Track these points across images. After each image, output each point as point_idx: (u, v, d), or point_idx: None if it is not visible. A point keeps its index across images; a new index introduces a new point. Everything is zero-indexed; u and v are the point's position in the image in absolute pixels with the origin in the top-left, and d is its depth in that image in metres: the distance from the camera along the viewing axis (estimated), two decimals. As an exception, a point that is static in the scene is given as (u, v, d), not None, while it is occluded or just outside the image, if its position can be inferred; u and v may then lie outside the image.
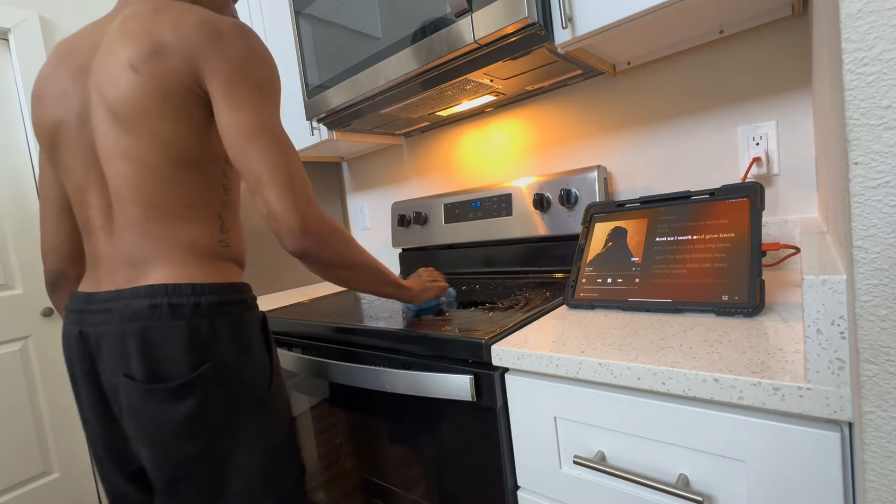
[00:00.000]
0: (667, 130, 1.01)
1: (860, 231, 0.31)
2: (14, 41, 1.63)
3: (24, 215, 1.67)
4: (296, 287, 1.57)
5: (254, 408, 0.65)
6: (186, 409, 0.59)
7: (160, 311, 0.60)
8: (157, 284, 0.61)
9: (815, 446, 0.41)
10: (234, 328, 0.64)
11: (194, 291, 0.62)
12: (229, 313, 0.64)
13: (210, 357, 0.61)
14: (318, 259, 0.65)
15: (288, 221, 0.61)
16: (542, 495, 0.62)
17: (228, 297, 0.65)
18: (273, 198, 0.60)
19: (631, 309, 0.71)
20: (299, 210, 0.61)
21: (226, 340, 0.63)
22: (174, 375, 0.59)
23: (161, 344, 0.59)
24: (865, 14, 0.29)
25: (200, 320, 0.61)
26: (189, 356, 0.60)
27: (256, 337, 0.67)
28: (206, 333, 0.61)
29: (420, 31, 0.90)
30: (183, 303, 0.61)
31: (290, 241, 0.62)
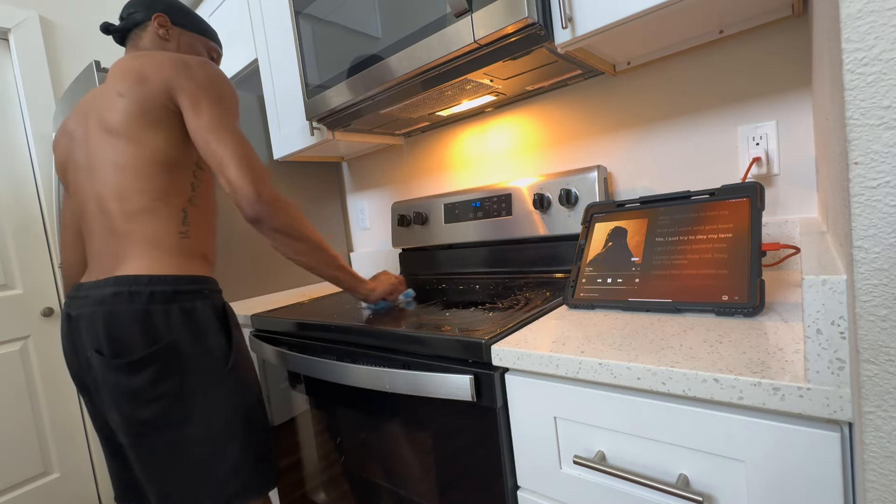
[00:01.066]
0: (667, 130, 1.01)
1: (860, 231, 0.31)
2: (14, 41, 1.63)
3: (24, 215, 1.67)
4: (296, 287, 1.57)
5: (208, 383, 0.76)
6: (142, 380, 0.71)
7: (121, 298, 0.72)
8: (122, 275, 0.74)
9: (815, 446, 0.41)
10: (188, 314, 0.76)
11: (151, 281, 0.74)
12: (183, 301, 0.76)
13: (163, 338, 0.73)
14: (270, 223, 0.78)
15: (245, 190, 0.75)
16: (542, 495, 0.62)
17: (183, 287, 0.76)
18: (232, 174, 0.75)
19: (631, 309, 0.71)
20: (256, 183, 0.76)
21: (179, 324, 0.74)
22: (132, 352, 0.71)
23: (122, 325, 0.71)
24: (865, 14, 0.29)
25: (156, 306, 0.73)
26: (145, 336, 0.72)
27: (210, 322, 0.78)
28: (160, 317, 0.73)
29: (420, 31, 0.90)
30: (141, 290, 0.73)
31: (247, 206, 0.75)
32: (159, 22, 0.91)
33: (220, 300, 0.83)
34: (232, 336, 0.81)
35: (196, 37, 0.98)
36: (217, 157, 0.75)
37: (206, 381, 0.76)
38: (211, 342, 0.78)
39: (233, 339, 0.81)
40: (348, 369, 0.80)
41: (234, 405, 0.79)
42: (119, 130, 0.77)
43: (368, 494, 0.88)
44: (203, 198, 0.84)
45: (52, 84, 1.72)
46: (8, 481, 1.60)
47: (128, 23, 0.91)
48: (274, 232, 0.79)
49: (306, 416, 1.00)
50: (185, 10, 0.97)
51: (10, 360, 1.62)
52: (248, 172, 0.75)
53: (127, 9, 0.92)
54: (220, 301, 0.83)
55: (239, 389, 0.80)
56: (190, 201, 0.82)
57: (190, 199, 0.82)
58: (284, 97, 1.39)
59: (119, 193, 0.76)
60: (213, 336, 0.78)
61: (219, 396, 0.77)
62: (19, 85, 1.66)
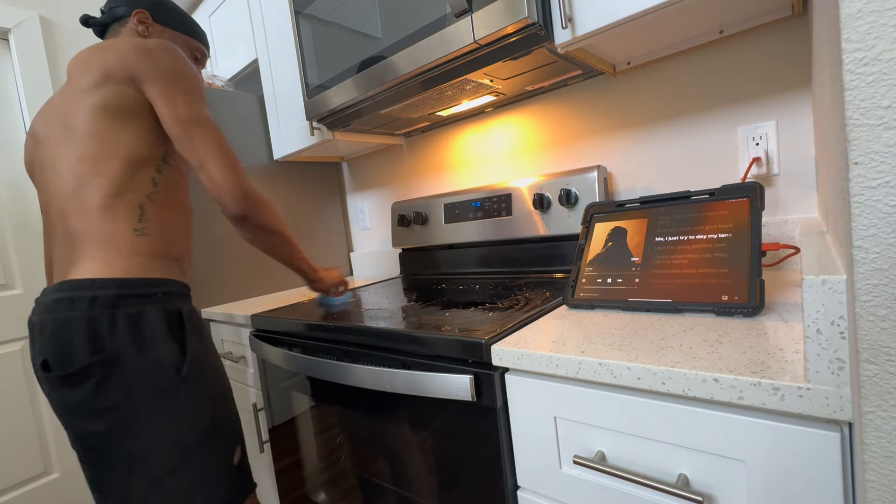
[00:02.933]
0: (667, 130, 1.01)
1: (860, 231, 0.31)
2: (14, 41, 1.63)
3: (24, 215, 1.67)
4: (296, 287, 1.57)
5: (158, 394, 0.71)
6: (83, 393, 0.68)
7: (62, 304, 0.68)
8: (68, 280, 0.70)
9: (815, 446, 0.41)
10: (134, 320, 0.71)
11: (94, 285, 0.69)
12: (129, 306, 0.71)
13: (105, 347, 0.68)
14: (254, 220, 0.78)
15: (230, 189, 0.75)
16: (542, 495, 0.62)
17: (129, 291, 0.71)
18: (216, 173, 0.74)
19: (631, 309, 0.71)
20: (239, 182, 0.76)
21: (123, 331, 0.69)
22: (71, 363, 0.67)
23: (62, 334, 0.68)
24: (865, 14, 0.29)
25: (98, 311, 0.68)
26: (85, 345, 0.67)
27: (159, 329, 0.73)
28: (103, 325, 0.68)
29: (420, 31, 0.90)
30: (82, 296, 0.68)
31: (232, 204, 0.75)
32: (139, 18, 0.88)
33: (177, 304, 0.77)
34: (187, 344, 0.76)
35: (179, 36, 0.96)
36: (198, 154, 0.73)
37: (157, 393, 0.71)
38: (160, 351, 0.72)
39: (187, 347, 0.76)
40: (348, 369, 0.80)
41: (191, 417, 0.74)
42: (83, 128, 0.74)
43: (368, 494, 0.88)
44: (167, 194, 0.80)
45: (52, 84, 1.72)
46: (8, 481, 1.60)
47: (108, 16, 0.89)
48: (256, 228, 0.79)
49: (306, 416, 1.00)
50: (170, 8, 0.95)
51: (10, 360, 1.62)
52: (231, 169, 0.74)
53: (110, 2, 0.90)
54: (177, 305, 0.77)
55: (196, 400, 0.75)
56: (149, 196, 0.77)
57: (149, 194, 0.77)
58: (284, 97, 1.39)
59: (74, 190, 0.73)
60: (163, 344, 0.73)
61: (171, 409, 0.72)
62: (19, 85, 1.66)
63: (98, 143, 0.73)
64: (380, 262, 1.68)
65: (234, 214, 0.76)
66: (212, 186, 0.74)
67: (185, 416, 0.73)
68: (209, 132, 0.75)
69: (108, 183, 0.73)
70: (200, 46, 1.01)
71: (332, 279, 1.06)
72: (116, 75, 0.74)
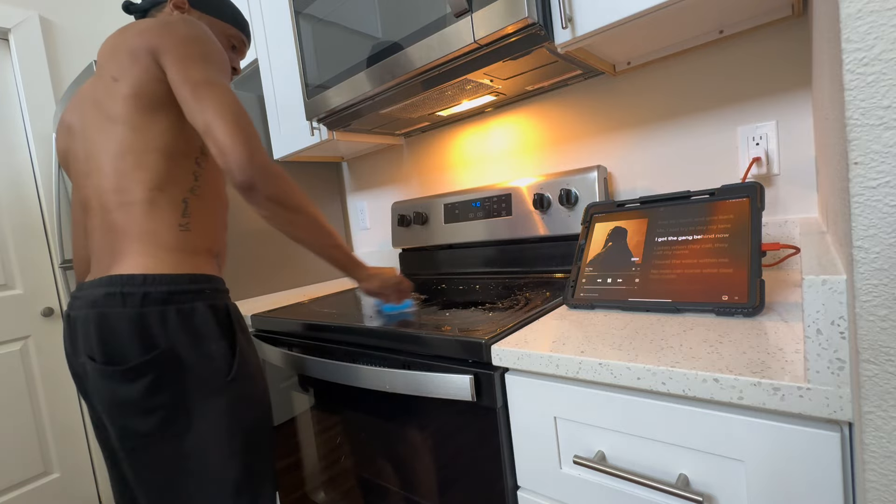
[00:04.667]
0: (667, 130, 1.01)
1: (860, 231, 0.31)
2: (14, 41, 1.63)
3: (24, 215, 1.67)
4: (296, 287, 1.57)
5: (209, 392, 0.69)
6: (139, 390, 0.65)
7: (113, 300, 0.66)
8: (116, 275, 0.68)
9: (815, 446, 0.41)
10: (186, 317, 0.68)
11: (145, 281, 0.67)
12: (180, 302, 0.69)
13: (159, 343, 0.66)
14: (264, 190, 0.69)
15: (235, 153, 0.66)
16: (542, 495, 0.62)
17: (180, 287, 0.69)
18: (221, 135, 0.66)
19: (631, 309, 0.71)
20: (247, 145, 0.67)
21: (175, 328, 0.67)
22: (125, 359, 0.65)
23: (114, 329, 0.65)
24: (865, 14, 0.29)
25: (150, 308, 0.66)
26: (139, 341, 0.65)
27: (210, 326, 0.70)
28: (155, 321, 0.66)
29: (420, 31, 0.90)
30: (134, 292, 0.66)
31: (237, 170, 0.66)
32: (175, 3, 0.86)
33: (224, 301, 0.75)
34: (236, 342, 0.73)
35: (216, 22, 0.91)
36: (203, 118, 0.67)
37: (207, 391, 0.69)
38: (212, 348, 0.70)
39: (237, 345, 0.73)
40: (348, 369, 0.80)
41: (237, 418, 0.72)
42: (118, 117, 0.71)
43: (368, 494, 0.88)
44: (208, 187, 0.77)
45: (52, 84, 1.72)
46: (8, 481, 1.60)
47: (147, 2, 0.87)
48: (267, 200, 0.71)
49: (306, 416, 1.00)
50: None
51: (10, 360, 1.62)
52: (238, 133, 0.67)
53: None
54: (224, 302, 0.75)
55: (243, 401, 0.73)
56: (192, 191, 0.74)
57: (192, 188, 0.74)
58: (284, 97, 1.39)
59: (117, 184, 0.70)
60: (215, 342, 0.71)
61: (219, 409, 0.70)
62: (19, 85, 1.66)
63: (136, 136, 0.70)
64: (380, 262, 1.68)
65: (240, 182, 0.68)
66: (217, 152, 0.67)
67: (232, 415, 0.71)
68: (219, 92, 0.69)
69: (150, 177, 0.70)
70: (239, 35, 0.96)
71: (386, 279, 0.90)
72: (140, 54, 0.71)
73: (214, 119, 0.67)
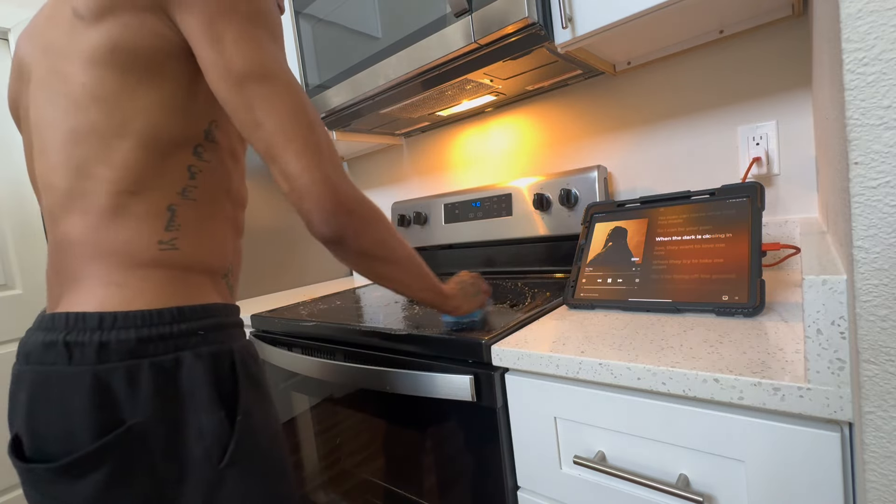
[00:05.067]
0: (667, 130, 1.01)
1: (860, 231, 0.31)
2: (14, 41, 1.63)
3: (24, 215, 1.67)
4: (296, 287, 1.57)
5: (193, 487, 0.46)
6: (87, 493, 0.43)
7: (54, 353, 0.43)
8: (60, 313, 0.45)
9: (815, 446, 0.41)
10: (165, 375, 0.45)
11: (102, 324, 0.44)
12: (157, 353, 0.45)
13: (123, 418, 0.43)
14: (354, 246, 0.51)
15: (318, 196, 0.47)
16: (542, 495, 0.62)
17: (157, 331, 0.46)
18: (294, 167, 0.46)
19: (631, 309, 0.71)
20: (331, 181, 0.48)
21: (148, 396, 0.44)
22: (69, 446, 0.42)
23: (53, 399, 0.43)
24: (865, 14, 0.29)
25: (112, 366, 0.43)
26: (92, 419, 0.42)
27: (201, 387, 0.47)
28: (119, 385, 0.43)
29: (420, 31, 0.90)
30: (84, 341, 0.43)
31: (321, 221, 0.48)
32: None
33: (226, 343, 0.51)
34: (237, 409, 0.49)
35: None
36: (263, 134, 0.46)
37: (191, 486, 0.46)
38: (201, 422, 0.46)
39: (238, 413, 0.49)
40: (348, 369, 0.80)
41: None
42: (76, 78, 0.46)
43: (368, 494, 0.88)
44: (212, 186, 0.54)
45: (52, 84, 1.72)
46: (8, 481, 1.60)
47: None
48: (359, 255, 0.53)
49: (306, 416, 1.00)
50: None
51: (10, 360, 1.62)
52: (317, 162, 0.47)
53: None
54: (227, 345, 0.50)
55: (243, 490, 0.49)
56: (183, 194, 0.51)
57: (183, 189, 0.51)
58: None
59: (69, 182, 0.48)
60: (206, 412, 0.47)
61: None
62: (19, 85, 1.65)
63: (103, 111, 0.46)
64: (380, 262, 1.68)
65: (324, 236, 0.49)
66: (287, 188, 0.47)
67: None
68: (280, 93, 0.47)
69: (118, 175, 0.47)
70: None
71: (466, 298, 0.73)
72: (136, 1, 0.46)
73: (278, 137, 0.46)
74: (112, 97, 0.46)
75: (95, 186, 0.47)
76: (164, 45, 0.47)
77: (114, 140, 0.47)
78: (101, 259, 0.47)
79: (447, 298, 0.68)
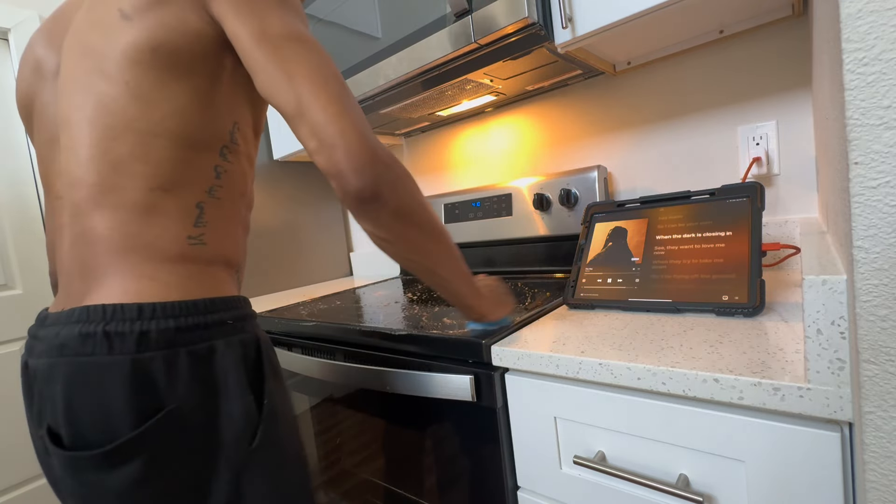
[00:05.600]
0: (667, 130, 1.01)
1: (860, 231, 0.31)
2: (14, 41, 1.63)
3: (24, 215, 1.67)
4: (296, 287, 1.57)
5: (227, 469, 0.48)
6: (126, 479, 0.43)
7: (93, 343, 0.44)
8: (95, 306, 0.45)
9: (816, 446, 0.41)
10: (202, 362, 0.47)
11: (142, 314, 0.45)
12: (193, 342, 0.47)
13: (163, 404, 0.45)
14: (392, 202, 0.49)
15: (350, 144, 0.46)
16: (542, 495, 0.62)
17: (192, 320, 0.48)
18: (324, 116, 0.46)
19: (631, 309, 0.71)
20: (362, 131, 0.47)
21: (187, 380, 0.46)
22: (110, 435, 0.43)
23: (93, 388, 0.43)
24: (865, 14, 0.29)
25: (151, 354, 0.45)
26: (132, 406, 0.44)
27: (234, 373, 0.49)
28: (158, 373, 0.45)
29: (420, 31, 0.90)
30: (125, 331, 0.44)
31: (355, 172, 0.46)
32: None
33: (254, 333, 0.53)
34: (264, 394, 0.51)
35: None
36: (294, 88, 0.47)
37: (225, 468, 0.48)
38: (232, 407, 0.48)
39: (265, 398, 0.51)
40: (348, 369, 0.80)
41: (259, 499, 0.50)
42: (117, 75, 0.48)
43: (368, 494, 0.88)
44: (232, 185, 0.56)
45: (52, 84, 1.72)
46: (8, 481, 1.60)
47: None
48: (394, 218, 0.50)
49: (306, 416, 1.00)
50: None
51: (10, 360, 1.62)
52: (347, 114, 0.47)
53: None
54: (255, 335, 0.53)
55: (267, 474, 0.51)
56: (210, 192, 0.53)
57: (210, 189, 0.53)
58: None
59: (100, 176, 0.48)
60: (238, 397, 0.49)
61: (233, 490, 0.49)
62: (19, 85, 1.65)
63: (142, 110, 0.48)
64: (380, 262, 1.68)
65: (358, 190, 0.47)
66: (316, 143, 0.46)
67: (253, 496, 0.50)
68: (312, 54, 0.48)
69: (154, 172, 0.49)
70: None
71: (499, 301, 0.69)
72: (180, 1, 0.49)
73: (309, 90, 0.46)
74: (151, 96, 0.49)
75: (130, 182, 0.48)
76: (200, 45, 0.50)
77: (150, 138, 0.49)
78: (131, 253, 0.48)
79: (481, 298, 0.65)
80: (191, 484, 0.46)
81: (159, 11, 0.48)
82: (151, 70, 0.48)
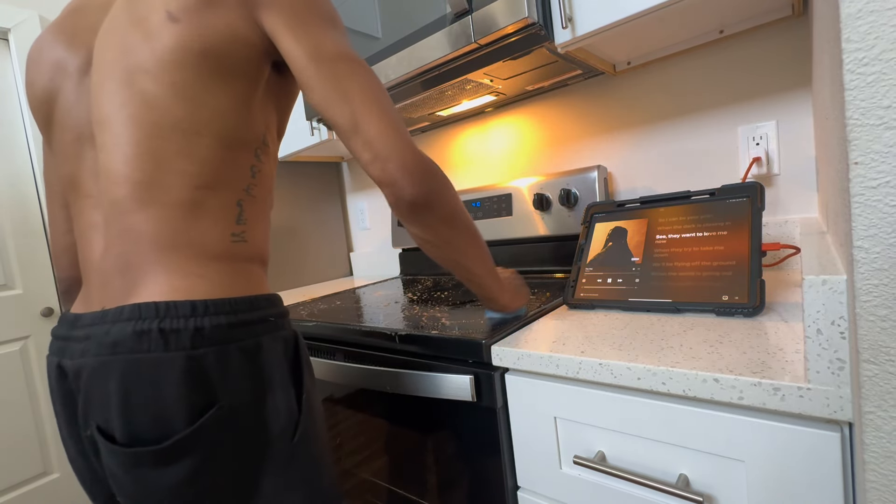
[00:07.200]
0: (667, 130, 1.01)
1: (860, 231, 0.31)
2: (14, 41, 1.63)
3: (24, 215, 1.67)
4: (296, 287, 1.57)
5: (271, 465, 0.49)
6: (180, 476, 0.44)
7: (148, 340, 0.45)
8: (147, 303, 0.46)
9: (816, 446, 0.41)
10: (252, 358, 0.49)
11: (195, 311, 0.46)
12: (243, 338, 0.48)
13: (216, 399, 0.46)
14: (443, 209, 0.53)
15: (403, 157, 0.50)
16: (542, 495, 0.62)
17: (241, 317, 0.49)
18: (377, 130, 0.49)
19: (631, 309, 0.71)
20: (412, 145, 0.51)
21: (238, 376, 0.47)
22: (167, 431, 0.44)
23: (150, 385, 0.44)
24: (865, 14, 0.29)
25: (204, 350, 0.46)
26: (187, 401, 0.44)
27: (280, 369, 0.51)
28: (213, 369, 0.46)
29: (420, 31, 0.90)
30: (180, 327, 0.45)
31: (411, 183, 0.50)
32: None
33: (292, 329, 0.56)
34: (303, 387, 0.53)
35: None
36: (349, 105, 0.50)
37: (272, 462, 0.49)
38: (277, 401, 0.50)
39: (304, 391, 0.53)
40: (348, 369, 0.80)
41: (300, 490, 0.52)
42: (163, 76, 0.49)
43: (368, 494, 0.88)
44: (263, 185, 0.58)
45: (52, 84, 1.72)
46: (8, 481, 1.60)
47: None
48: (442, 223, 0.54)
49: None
50: None
51: (10, 360, 1.62)
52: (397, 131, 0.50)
53: None
54: (291, 331, 0.55)
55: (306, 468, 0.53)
56: (248, 192, 0.55)
57: (248, 187, 0.55)
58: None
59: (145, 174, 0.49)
60: (282, 391, 0.51)
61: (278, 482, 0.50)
62: (19, 85, 1.65)
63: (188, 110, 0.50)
64: (380, 262, 1.68)
65: (412, 199, 0.51)
66: (370, 155, 0.50)
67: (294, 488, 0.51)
68: (363, 73, 0.52)
69: (199, 170, 0.50)
70: None
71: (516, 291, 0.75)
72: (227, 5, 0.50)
73: (363, 109, 0.50)
74: (197, 97, 0.50)
75: (176, 180, 0.49)
76: (245, 51, 0.52)
77: (195, 137, 0.50)
78: (177, 250, 0.49)
79: (504, 291, 0.70)
80: (241, 478, 0.47)
81: (208, 15, 0.49)
82: (198, 72, 0.50)
